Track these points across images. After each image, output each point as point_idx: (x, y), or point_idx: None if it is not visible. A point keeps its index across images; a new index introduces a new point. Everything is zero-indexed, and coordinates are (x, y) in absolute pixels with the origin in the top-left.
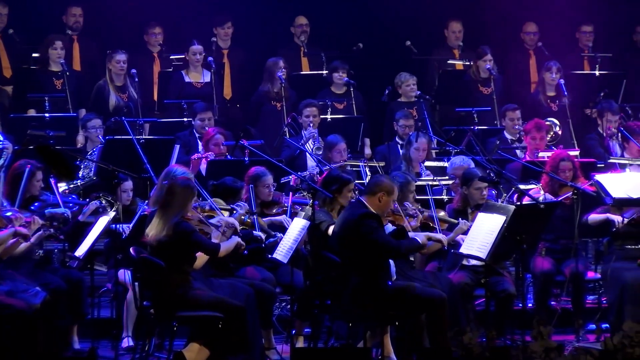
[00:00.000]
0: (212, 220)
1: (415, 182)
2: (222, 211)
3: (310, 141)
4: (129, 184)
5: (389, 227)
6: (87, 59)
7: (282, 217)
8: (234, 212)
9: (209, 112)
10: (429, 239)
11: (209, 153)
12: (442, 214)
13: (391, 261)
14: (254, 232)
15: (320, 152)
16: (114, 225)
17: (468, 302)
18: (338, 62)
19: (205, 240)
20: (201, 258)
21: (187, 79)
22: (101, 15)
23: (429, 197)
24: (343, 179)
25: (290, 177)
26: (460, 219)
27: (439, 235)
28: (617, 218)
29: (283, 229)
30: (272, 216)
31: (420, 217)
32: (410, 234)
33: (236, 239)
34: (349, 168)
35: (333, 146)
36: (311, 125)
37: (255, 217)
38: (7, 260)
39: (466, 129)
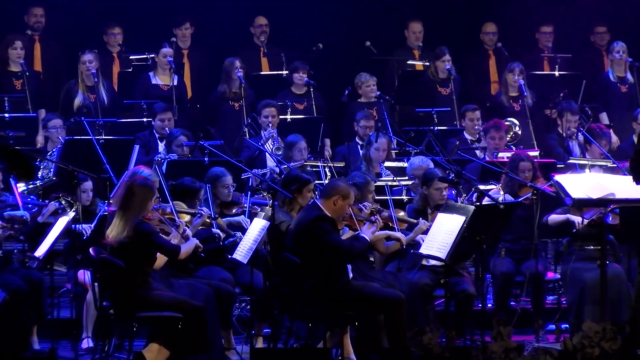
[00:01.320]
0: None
1: (375, 182)
2: (182, 215)
3: (270, 141)
4: (88, 184)
5: (346, 231)
6: (49, 59)
7: (241, 218)
8: (196, 218)
9: (168, 113)
10: (388, 237)
11: (172, 155)
12: (401, 214)
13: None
14: (212, 229)
15: (280, 152)
16: (74, 226)
17: (428, 303)
18: (298, 62)
19: (166, 242)
20: (161, 258)
21: (154, 81)
22: (63, 16)
23: (388, 197)
24: (303, 179)
25: (250, 174)
26: (420, 219)
27: (398, 234)
28: (577, 219)
29: (242, 229)
30: (232, 217)
31: (379, 224)
32: (363, 233)
33: (195, 241)
34: (309, 168)
35: (293, 145)
36: (270, 125)
37: (214, 221)
38: None
39: (426, 129)
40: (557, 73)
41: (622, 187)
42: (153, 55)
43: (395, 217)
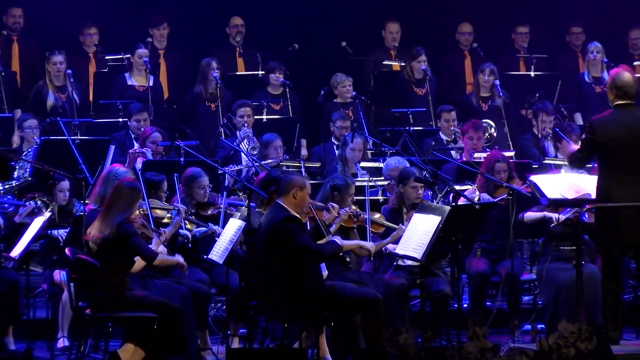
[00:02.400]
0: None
1: (354, 184)
2: (159, 211)
3: (245, 141)
4: (65, 184)
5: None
6: (27, 59)
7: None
8: (172, 216)
9: (144, 113)
10: (360, 247)
11: (146, 149)
12: (377, 216)
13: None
14: (180, 230)
15: (256, 152)
16: (50, 231)
17: (403, 303)
18: (274, 62)
19: (144, 245)
20: (139, 262)
21: (130, 82)
22: (41, 16)
23: (366, 198)
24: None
25: (226, 172)
26: (400, 224)
27: (369, 245)
28: (554, 215)
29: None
30: (207, 217)
31: (334, 210)
32: (335, 238)
33: (178, 259)
34: (284, 168)
35: (269, 143)
36: (245, 125)
37: (183, 221)
38: None
39: (401, 129)
40: (532, 73)
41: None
42: (129, 56)
43: (369, 220)
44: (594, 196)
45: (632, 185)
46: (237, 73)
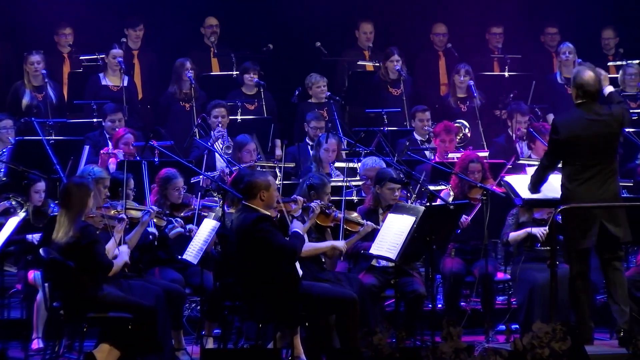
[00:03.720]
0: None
1: (330, 183)
2: (133, 211)
3: (219, 141)
4: (41, 185)
5: (296, 223)
6: (1, 60)
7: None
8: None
9: (119, 113)
10: (333, 247)
11: (118, 151)
12: (354, 215)
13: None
14: (148, 228)
15: (230, 152)
16: (24, 236)
17: (378, 303)
18: (249, 63)
19: (102, 254)
20: (116, 265)
21: (104, 82)
22: (15, 16)
23: (342, 198)
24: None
25: (200, 177)
26: (366, 221)
27: (340, 245)
28: (538, 231)
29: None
30: (182, 219)
31: (300, 201)
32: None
33: (124, 260)
34: (259, 168)
35: (243, 146)
36: (220, 125)
37: (152, 219)
38: None
39: (376, 130)
40: (507, 74)
41: None
42: (103, 56)
43: (343, 219)
44: None
45: (596, 185)
46: (212, 73)
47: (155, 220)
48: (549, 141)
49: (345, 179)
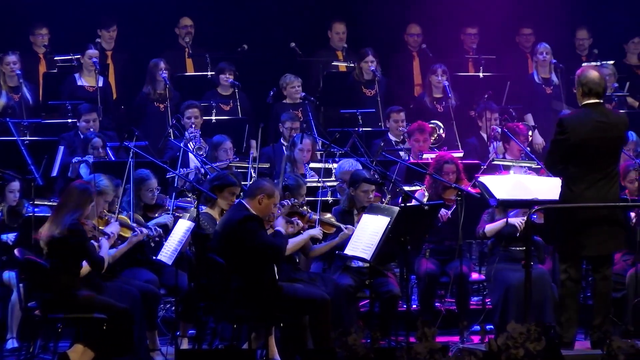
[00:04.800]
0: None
1: (306, 184)
2: (123, 229)
3: (192, 142)
4: (16, 185)
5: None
6: None
7: (166, 219)
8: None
9: (93, 114)
10: (310, 236)
11: (88, 156)
12: (327, 216)
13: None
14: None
15: (202, 153)
16: None
17: (352, 303)
18: (225, 63)
19: (94, 251)
20: (86, 266)
21: (79, 82)
22: None
23: (318, 199)
24: (227, 180)
25: (175, 174)
26: (346, 225)
27: (316, 232)
28: (516, 221)
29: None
30: (156, 219)
31: (298, 226)
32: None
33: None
34: (234, 169)
35: (219, 145)
36: (193, 126)
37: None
38: None
39: (351, 130)
40: (481, 74)
41: (545, 187)
42: (78, 57)
43: (319, 219)
44: (541, 197)
45: (604, 188)
46: (186, 74)
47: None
48: (555, 141)
49: (319, 179)
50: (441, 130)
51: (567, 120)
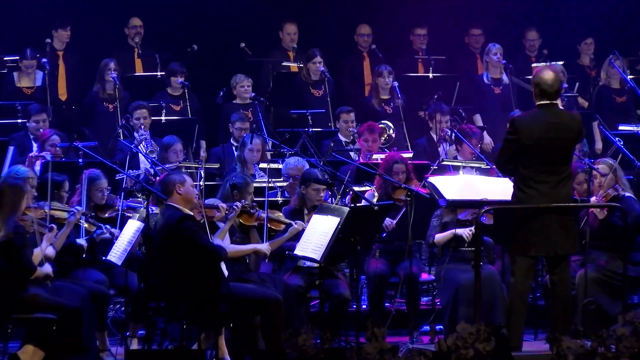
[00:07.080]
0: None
1: (254, 182)
2: (59, 212)
3: (143, 144)
4: None
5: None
6: None
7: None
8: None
9: (43, 114)
10: (256, 251)
11: (46, 153)
12: (277, 214)
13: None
14: (76, 240)
15: (154, 155)
16: None
17: (302, 304)
18: (176, 64)
19: (28, 258)
20: (39, 271)
21: (17, 84)
22: None
23: (265, 198)
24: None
25: (125, 174)
26: (295, 220)
27: (264, 248)
28: (464, 232)
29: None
30: (106, 220)
31: (223, 209)
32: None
33: (47, 270)
34: (183, 170)
35: (169, 147)
36: (142, 127)
37: (84, 225)
38: None
39: (300, 131)
40: (431, 75)
41: (494, 188)
42: (17, 58)
43: (267, 218)
44: (491, 197)
45: (551, 187)
46: (136, 74)
47: (86, 225)
48: (507, 140)
49: (269, 179)
50: (391, 131)
51: (519, 121)
